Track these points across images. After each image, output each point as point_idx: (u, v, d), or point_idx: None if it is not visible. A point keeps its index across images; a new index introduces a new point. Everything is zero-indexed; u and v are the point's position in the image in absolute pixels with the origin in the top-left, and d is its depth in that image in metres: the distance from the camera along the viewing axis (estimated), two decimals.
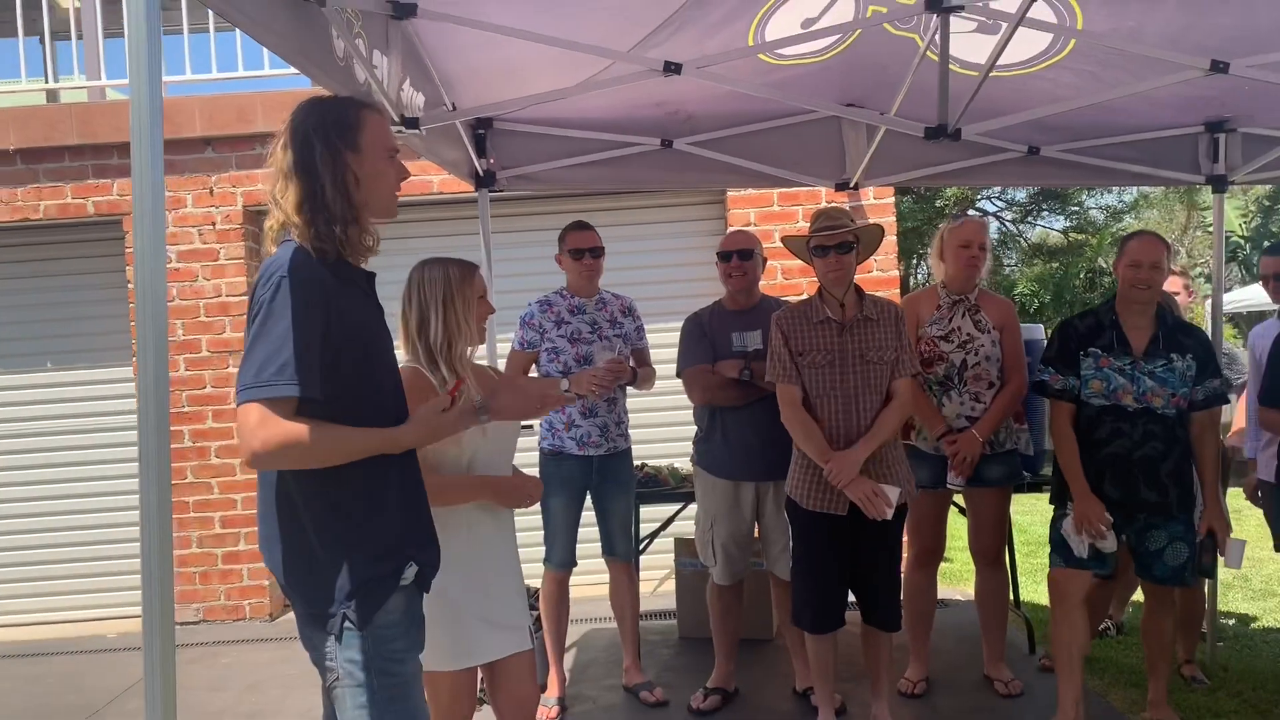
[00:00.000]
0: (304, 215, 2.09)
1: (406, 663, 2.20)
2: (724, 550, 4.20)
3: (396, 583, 2.16)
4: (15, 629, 6.58)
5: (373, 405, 2.15)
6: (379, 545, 2.14)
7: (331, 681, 2.15)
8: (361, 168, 2.13)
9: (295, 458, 2.01)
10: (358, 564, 2.10)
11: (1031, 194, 15.73)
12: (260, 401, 1.95)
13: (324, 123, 2.12)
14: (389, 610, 2.14)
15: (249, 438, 1.96)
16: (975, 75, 3.34)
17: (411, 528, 2.25)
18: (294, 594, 2.16)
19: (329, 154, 2.09)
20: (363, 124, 2.15)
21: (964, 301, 4.13)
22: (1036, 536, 7.89)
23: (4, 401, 6.63)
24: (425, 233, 6.27)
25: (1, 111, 6.40)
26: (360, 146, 2.13)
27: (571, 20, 3.28)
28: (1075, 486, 3.63)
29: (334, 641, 2.11)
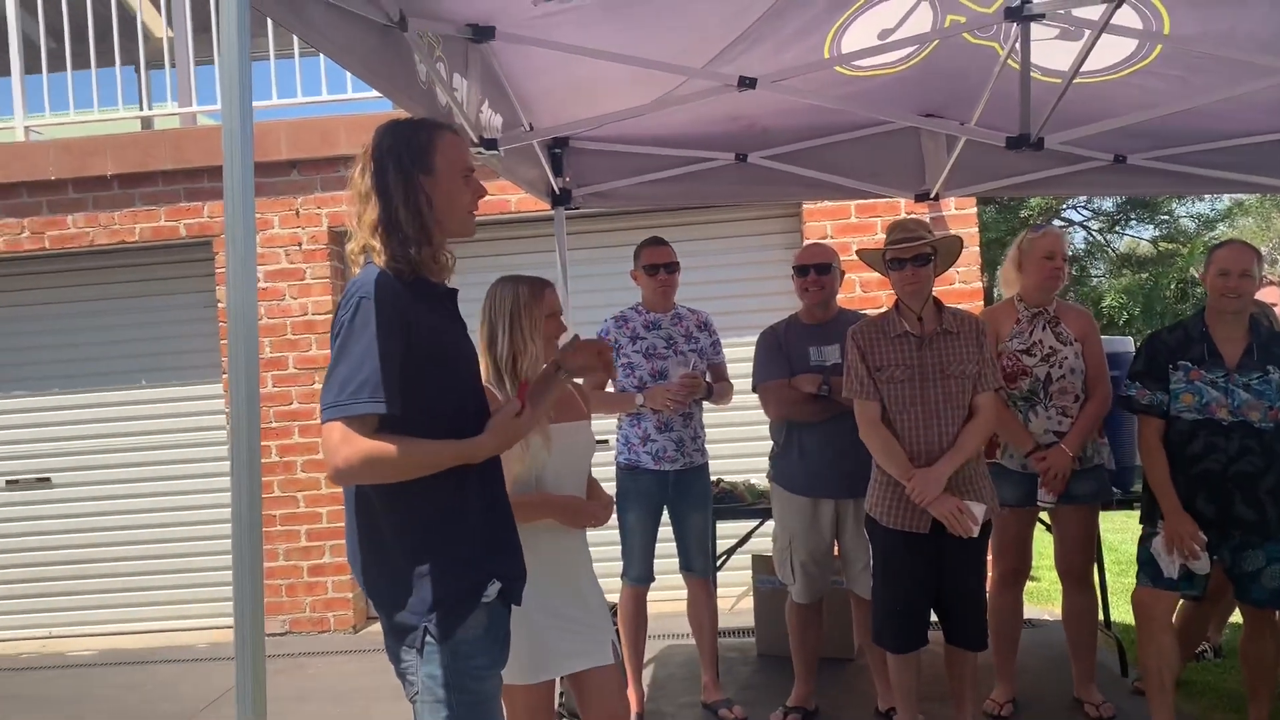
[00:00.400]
0: (379, 237, 2.13)
1: (486, 680, 2.20)
2: (803, 569, 4.16)
3: (478, 599, 2.17)
4: (115, 638, 6.81)
5: (454, 420, 2.18)
6: (461, 560, 2.16)
7: (412, 695, 2.17)
8: (435, 189, 2.17)
9: (377, 473, 2.05)
10: (439, 578, 2.12)
11: (1119, 203, 15.30)
12: (342, 420, 2.00)
13: (396, 145, 2.16)
14: (470, 626, 2.15)
15: (332, 455, 2.01)
16: (1058, 83, 3.27)
17: (494, 543, 2.27)
18: (378, 606, 2.20)
19: (400, 176, 2.13)
20: (435, 145, 2.18)
21: (1043, 314, 4.04)
22: (1128, 555, 7.65)
23: (101, 418, 6.87)
24: (504, 250, 6.35)
25: (100, 139, 6.66)
26: (433, 168, 2.17)
27: (645, 38, 3.30)
28: (1166, 503, 3.51)
29: (415, 655, 2.14)
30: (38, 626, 6.95)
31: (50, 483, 6.91)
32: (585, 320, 5.55)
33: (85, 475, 6.90)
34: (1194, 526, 3.46)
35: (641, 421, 4.27)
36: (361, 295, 2.05)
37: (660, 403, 4.15)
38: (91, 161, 6.58)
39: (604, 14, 3.08)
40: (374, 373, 2.00)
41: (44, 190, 6.66)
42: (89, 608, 6.93)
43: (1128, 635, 5.15)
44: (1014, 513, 4.03)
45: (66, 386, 6.89)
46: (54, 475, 6.91)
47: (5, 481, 6.93)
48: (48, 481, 6.92)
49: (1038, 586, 6.55)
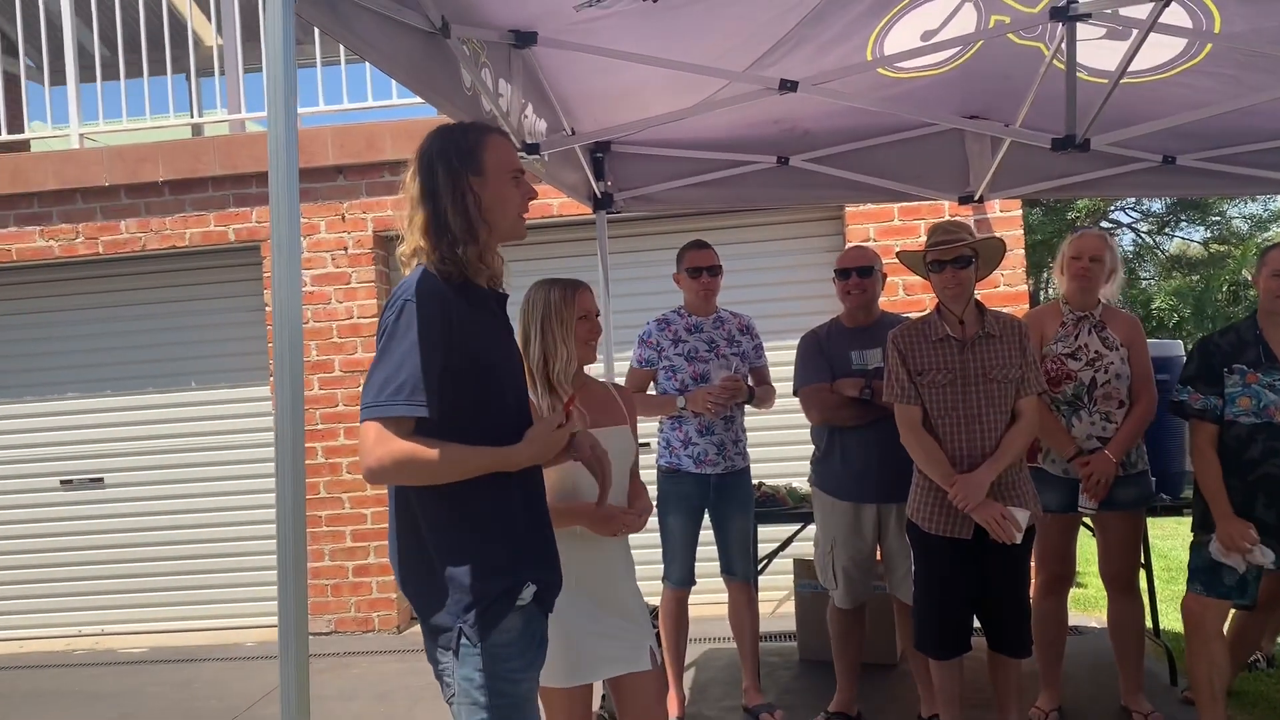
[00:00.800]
0: (429, 239, 2.15)
1: (522, 683, 2.20)
2: (845, 573, 4.14)
3: (513, 601, 2.17)
4: (166, 635, 6.93)
5: (494, 426, 2.18)
6: (496, 563, 2.16)
7: (449, 696, 2.19)
8: (485, 190, 2.18)
9: (409, 475, 2.08)
10: (474, 581, 2.13)
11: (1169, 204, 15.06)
12: (378, 420, 2.02)
13: (446, 148, 2.18)
14: (505, 629, 2.15)
15: (366, 455, 2.04)
16: (1104, 83, 3.23)
17: (531, 547, 2.27)
18: (416, 607, 2.22)
19: (450, 178, 2.15)
20: (485, 147, 2.20)
21: (1089, 318, 3.99)
22: (1177, 562, 7.52)
23: (152, 419, 7.00)
24: (547, 254, 6.39)
25: (151, 146, 6.79)
26: (483, 170, 2.18)
27: (687, 42, 3.31)
28: (1217, 509, 3.46)
29: (451, 657, 2.15)
30: (91, 624, 7.09)
31: (103, 483, 7.06)
32: (625, 324, 5.58)
33: (137, 475, 7.03)
34: (1244, 526, 3.40)
35: (683, 424, 4.28)
36: (406, 298, 2.08)
37: (702, 405, 4.15)
38: (143, 168, 6.72)
39: (645, 18, 3.09)
40: (412, 375, 2.02)
41: (97, 196, 6.80)
42: (140, 605, 7.06)
43: (1177, 644, 5.07)
44: (1056, 518, 3.98)
45: (118, 389, 7.03)
46: (106, 475, 7.05)
47: (60, 481, 7.08)
48: (100, 482, 7.06)
49: (1084, 593, 6.46)
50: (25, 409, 7.09)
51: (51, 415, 7.08)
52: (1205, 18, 3.20)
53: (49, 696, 5.75)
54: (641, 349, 4.36)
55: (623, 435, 3.03)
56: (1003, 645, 3.61)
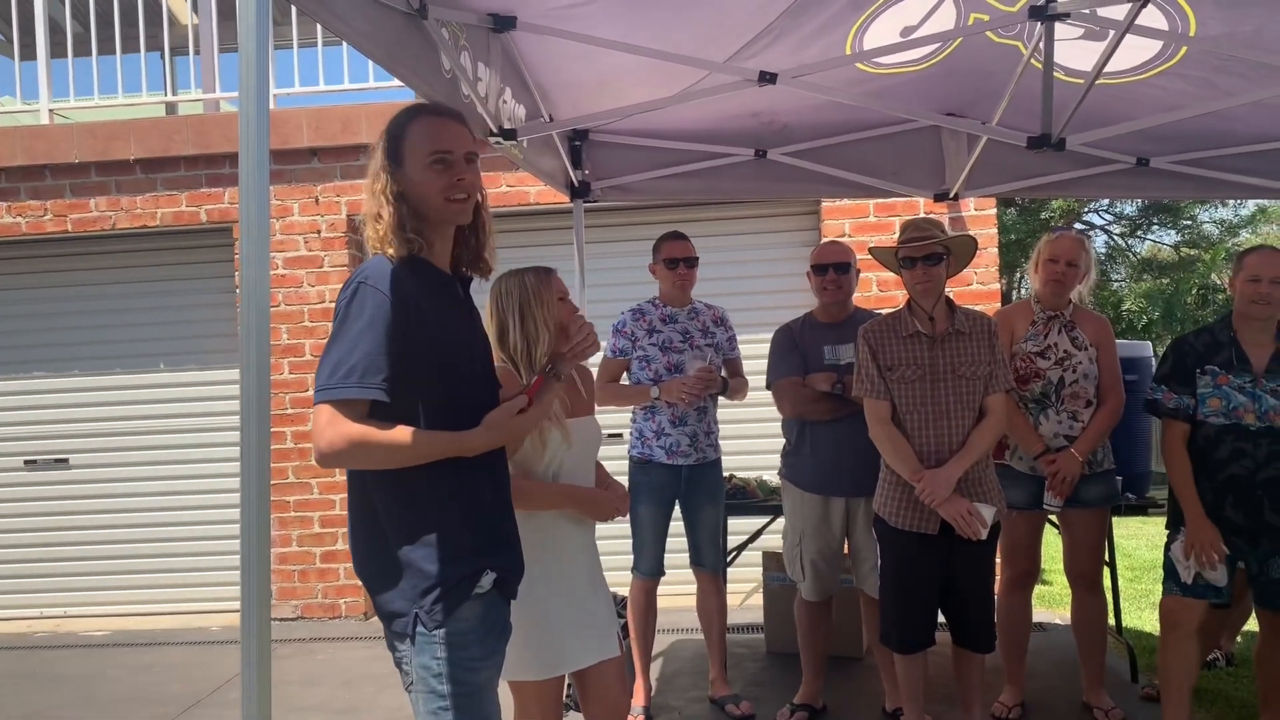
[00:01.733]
0: (372, 226, 2.16)
1: (480, 671, 2.18)
2: (812, 566, 4.16)
3: (471, 589, 2.14)
4: (129, 619, 6.86)
5: (454, 409, 2.15)
6: (454, 549, 2.14)
7: (408, 684, 2.17)
8: (404, 179, 2.16)
9: (361, 458, 2.06)
10: (431, 567, 2.11)
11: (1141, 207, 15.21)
12: (330, 403, 2.01)
13: (384, 137, 2.19)
14: (463, 617, 2.13)
15: (318, 437, 2.02)
16: (1081, 84, 3.24)
17: (491, 535, 2.24)
18: (371, 593, 2.19)
19: (381, 168, 2.16)
20: (406, 134, 2.18)
21: (1059, 318, 4.01)
22: (1142, 561, 7.62)
23: (120, 400, 6.92)
24: (524, 243, 6.35)
25: (123, 124, 6.70)
26: (401, 157, 2.16)
27: (667, 31, 3.29)
28: (1189, 510, 3.49)
29: (409, 644, 2.13)
30: (52, 606, 7.02)
31: (68, 464, 6.97)
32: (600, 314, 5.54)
33: (102, 457, 6.96)
34: (1215, 535, 3.44)
35: (656, 415, 4.27)
36: (360, 281, 2.07)
37: (675, 396, 4.15)
38: (114, 145, 6.62)
39: (626, 6, 3.08)
40: (366, 358, 2.00)
41: (67, 173, 6.71)
42: (104, 589, 6.98)
43: (1139, 641, 5.14)
44: (1022, 515, 4.01)
45: (86, 369, 6.94)
46: (71, 456, 6.97)
47: (24, 461, 7.00)
48: (65, 462, 6.98)
49: (1048, 590, 6.52)
50: None
51: (17, 395, 6.99)
52: (1181, 20, 3.22)
53: (8, 679, 5.68)
54: (616, 339, 4.35)
55: (593, 425, 3.04)
56: (967, 640, 3.64)
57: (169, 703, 5.09)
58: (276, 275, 6.57)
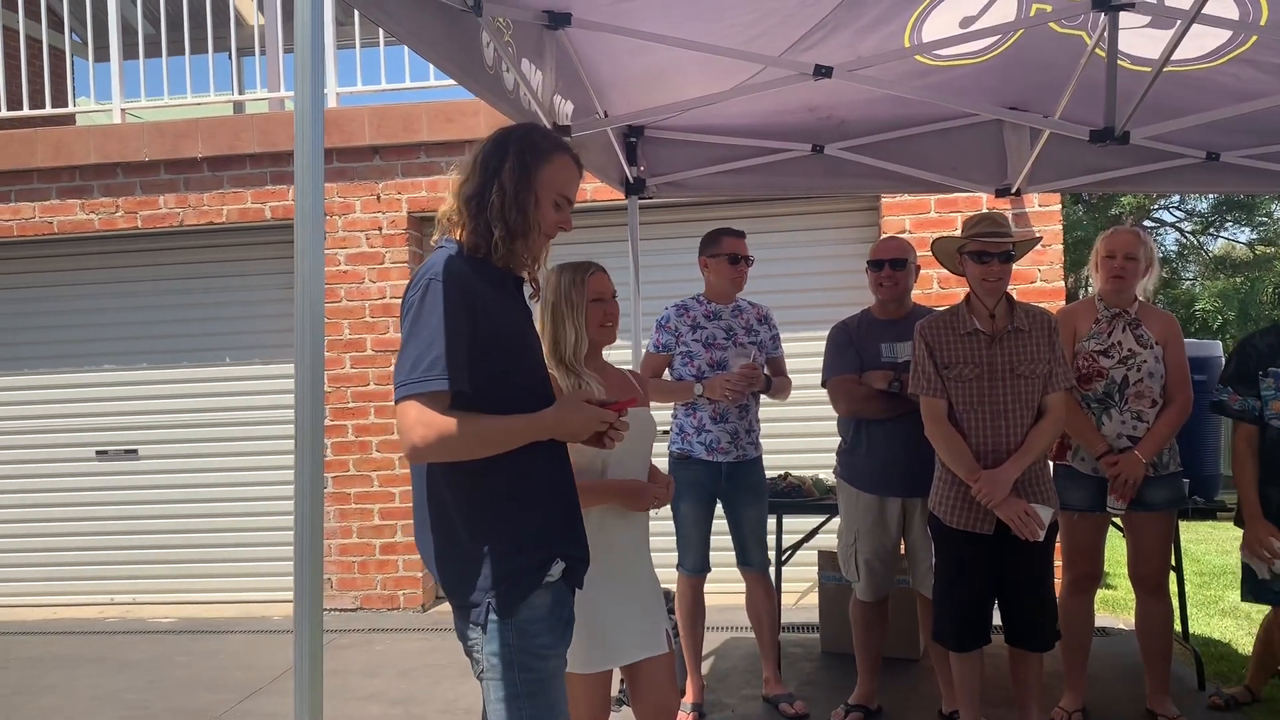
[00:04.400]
0: (470, 209, 2.18)
1: (550, 659, 2.22)
2: (867, 566, 4.11)
3: (542, 577, 2.18)
4: (195, 606, 7.03)
5: (520, 402, 2.19)
6: (524, 538, 2.18)
7: (479, 672, 2.21)
8: (537, 191, 2.21)
9: (452, 449, 2.08)
10: (502, 556, 2.15)
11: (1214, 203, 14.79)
12: (416, 397, 2.03)
13: (524, 142, 2.22)
14: (534, 605, 2.17)
15: (408, 433, 2.04)
16: (1147, 72, 3.16)
17: (559, 523, 2.28)
18: (444, 584, 2.23)
19: (514, 170, 2.18)
20: (547, 161, 2.22)
21: (1124, 315, 3.91)
22: (1210, 566, 7.42)
23: (186, 393, 7.09)
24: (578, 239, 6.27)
25: (191, 122, 6.85)
26: (531, 179, 2.20)
27: (721, 25, 3.28)
28: (1246, 510, 3.41)
29: (480, 632, 2.16)
30: (122, 592, 7.20)
31: (137, 454, 7.16)
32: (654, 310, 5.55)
33: (170, 448, 7.13)
34: (1269, 533, 3.35)
35: (697, 411, 4.26)
36: (430, 277, 2.10)
37: (719, 393, 4.13)
38: (183, 144, 6.78)
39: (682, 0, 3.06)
40: (444, 351, 2.04)
41: (137, 171, 6.88)
42: (170, 576, 7.16)
43: (1207, 648, 5.00)
44: (1085, 517, 3.93)
45: (154, 362, 7.12)
46: (140, 447, 7.15)
47: (95, 452, 7.19)
48: (134, 453, 7.16)
49: (1112, 594, 6.37)
50: (62, 379, 7.20)
51: (88, 387, 7.19)
52: (1253, 7, 3.11)
53: (80, 662, 5.85)
54: (659, 333, 4.34)
55: (646, 417, 3.04)
56: (1022, 639, 3.57)
57: (231, 689, 5.19)
58: (339, 271, 6.67)
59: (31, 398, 7.24)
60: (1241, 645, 5.28)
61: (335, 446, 6.66)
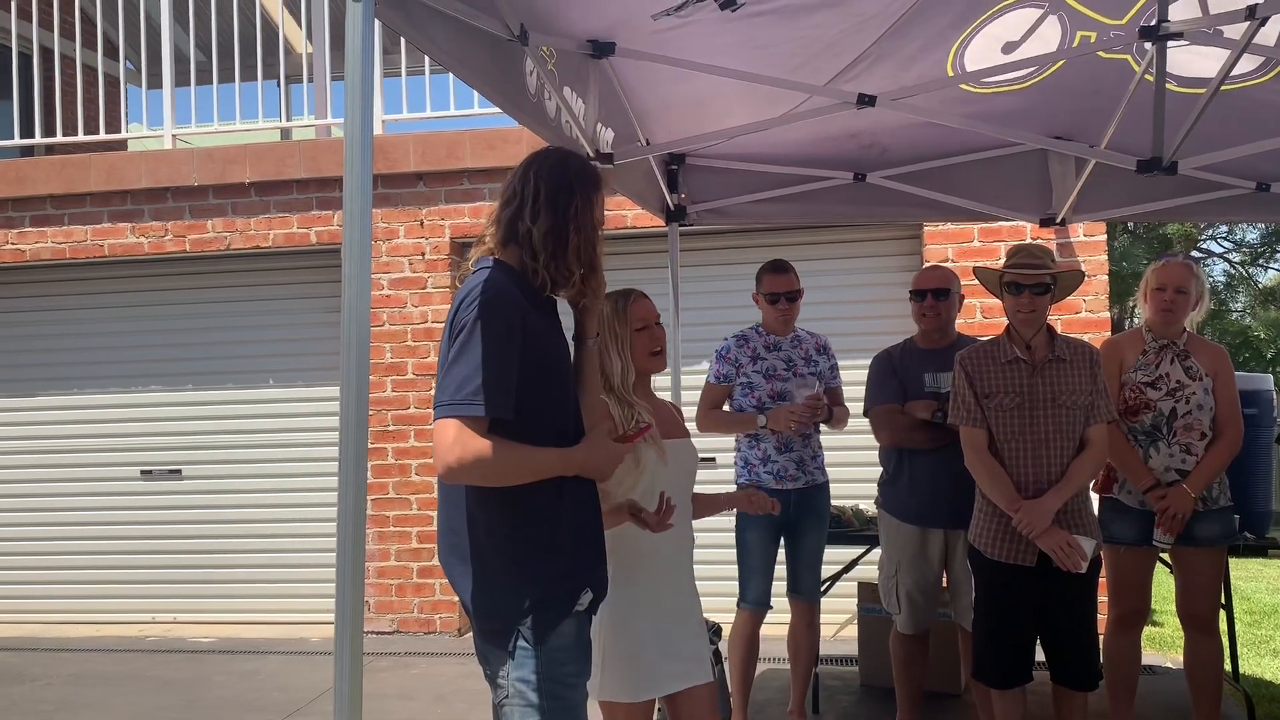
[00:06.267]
0: (547, 248, 2.18)
1: (577, 687, 2.22)
2: (909, 598, 4.06)
3: (572, 605, 2.19)
4: (235, 626, 7.08)
5: (559, 429, 2.21)
6: (557, 567, 2.18)
7: (501, 699, 2.19)
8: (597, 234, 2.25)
9: (487, 474, 2.08)
10: (536, 584, 2.15)
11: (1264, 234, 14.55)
12: (458, 418, 2.03)
13: (583, 178, 2.25)
14: (563, 633, 2.17)
15: (445, 453, 2.04)
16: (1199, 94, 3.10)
17: (588, 552, 2.28)
18: (473, 610, 2.22)
19: (585, 208, 2.22)
20: (600, 191, 2.27)
21: (1172, 346, 3.85)
22: (1262, 605, 7.24)
23: (230, 414, 7.18)
24: (619, 265, 6.28)
25: (239, 148, 6.98)
26: (580, 210, 2.22)
27: (764, 54, 3.29)
28: None
29: (508, 659, 2.16)
30: (163, 611, 7.27)
31: (180, 475, 7.25)
32: (696, 337, 5.56)
33: (213, 469, 7.22)
34: None
35: (761, 443, 4.24)
36: (487, 297, 2.09)
37: (784, 424, 4.10)
38: (231, 169, 6.90)
39: (722, 28, 3.07)
40: (493, 375, 2.04)
41: (187, 195, 7.01)
42: (211, 596, 7.22)
43: (1258, 690, 4.87)
44: (1131, 552, 3.85)
45: (200, 384, 7.22)
46: (184, 468, 7.24)
47: (140, 472, 7.30)
48: (178, 473, 7.25)
49: (1160, 632, 6.23)
50: (110, 399, 7.33)
51: (134, 407, 7.31)
52: None
53: (121, 680, 5.90)
54: (720, 364, 4.33)
55: (689, 448, 3.03)
56: (1067, 677, 3.50)
57: (269, 710, 5.22)
58: (382, 296, 6.74)
59: (78, 417, 7.37)
60: None
61: (375, 469, 6.70)
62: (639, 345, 2.88)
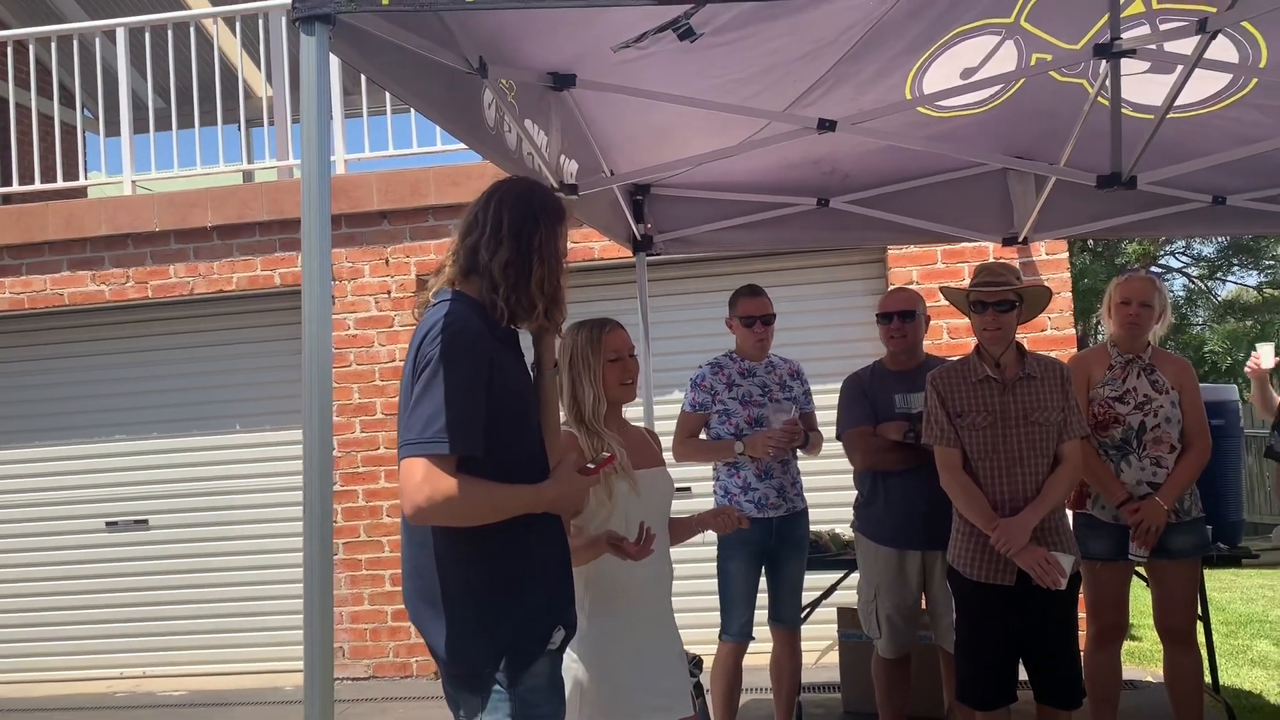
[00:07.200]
0: (508, 279, 2.13)
1: None
2: (889, 622, 4.04)
3: (545, 645, 2.14)
4: (206, 679, 6.92)
5: (525, 464, 2.17)
6: (528, 607, 2.14)
7: None
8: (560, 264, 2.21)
9: (456, 514, 2.03)
10: (508, 626, 2.10)
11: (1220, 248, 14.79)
12: (426, 457, 1.98)
13: (547, 209, 2.20)
14: (536, 674, 2.12)
15: (413, 493, 1.98)
16: (1150, 119, 3.16)
17: (558, 591, 2.24)
18: (443, 655, 2.16)
19: (547, 236, 2.17)
20: (564, 222, 2.23)
21: (1138, 360, 3.88)
22: (1237, 615, 7.28)
23: (197, 461, 7.06)
24: (588, 297, 6.36)
25: (201, 191, 6.93)
26: (546, 242, 2.19)
27: (724, 82, 3.30)
28: None
29: (481, 705, 2.10)
30: (132, 666, 7.10)
31: (148, 525, 7.11)
32: (666, 366, 5.55)
33: (181, 518, 7.08)
34: None
35: (740, 470, 4.22)
36: (451, 331, 2.04)
37: (761, 450, 4.09)
38: (193, 213, 6.84)
39: (682, 57, 3.08)
40: (460, 412, 1.99)
41: (148, 241, 6.93)
42: (181, 648, 7.06)
43: (1238, 700, 4.89)
44: (1108, 567, 3.86)
45: (165, 431, 7.10)
46: (151, 517, 7.11)
47: (105, 523, 7.15)
48: (145, 523, 7.12)
49: (1139, 646, 6.25)
50: (73, 450, 7.19)
51: (99, 457, 7.17)
52: (1252, 49, 3.13)
53: None
54: (695, 392, 4.31)
55: (663, 477, 3.00)
56: (1050, 696, 3.49)
57: None
58: (348, 335, 6.68)
59: (40, 470, 7.22)
60: (1273, 695, 5.15)
61: (345, 512, 6.62)
62: (610, 376, 2.86)
